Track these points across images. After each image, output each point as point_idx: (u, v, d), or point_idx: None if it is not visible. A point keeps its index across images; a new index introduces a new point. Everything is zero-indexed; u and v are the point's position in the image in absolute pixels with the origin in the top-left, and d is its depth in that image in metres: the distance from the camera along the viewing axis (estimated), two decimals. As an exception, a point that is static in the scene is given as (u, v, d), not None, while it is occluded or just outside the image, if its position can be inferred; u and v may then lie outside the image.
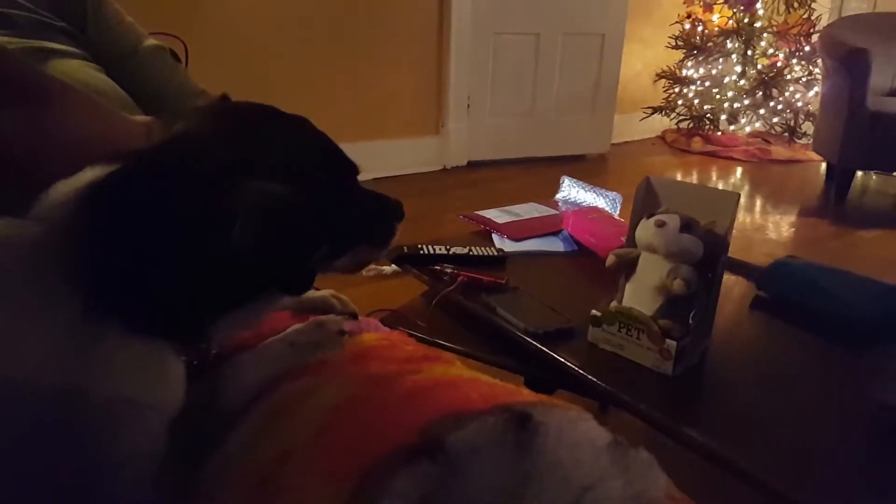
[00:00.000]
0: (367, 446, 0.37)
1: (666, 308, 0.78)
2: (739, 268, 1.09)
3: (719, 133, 3.84)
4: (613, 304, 0.82)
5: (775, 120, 3.81)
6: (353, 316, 0.60)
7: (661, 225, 0.77)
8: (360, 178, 0.51)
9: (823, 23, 3.67)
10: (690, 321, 0.77)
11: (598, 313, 0.82)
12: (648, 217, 0.80)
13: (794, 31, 3.62)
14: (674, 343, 0.75)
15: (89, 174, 0.39)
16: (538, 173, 3.13)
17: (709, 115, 3.81)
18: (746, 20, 3.67)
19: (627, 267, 0.82)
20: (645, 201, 0.85)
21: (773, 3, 3.65)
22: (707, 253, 0.78)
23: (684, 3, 3.79)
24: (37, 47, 0.64)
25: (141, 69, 0.78)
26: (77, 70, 0.66)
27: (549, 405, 0.39)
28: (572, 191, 1.43)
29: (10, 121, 0.43)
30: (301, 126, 0.47)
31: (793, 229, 2.75)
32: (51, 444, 0.34)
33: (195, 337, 0.41)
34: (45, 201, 0.38)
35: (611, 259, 0.83)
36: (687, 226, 0.78)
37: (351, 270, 0.52)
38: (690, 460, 0.66)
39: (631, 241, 0.84)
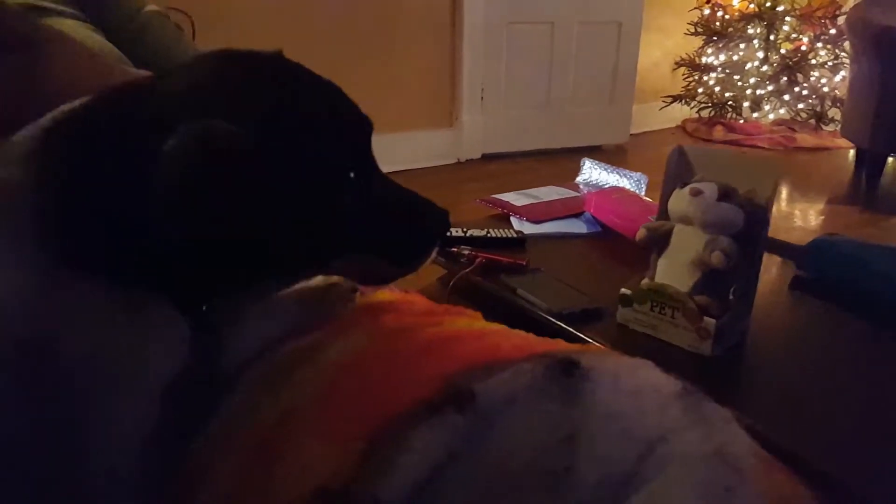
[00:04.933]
0: (381, 402, 0.32)
1: (703, 283, 0.72)
2: (776, 246, 1.02)
3: (742, 121, 3.74)
4: (645, 281, 0.76)
5: (801, 106, 3.69)
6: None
7: (696, 194, 0.71)
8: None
9: (849, 5, 3.54)
10: (730, 297, 0.71)
11: (629, 292, 0.76)
12: (682, 186, 0.74)
13: (819, 13, 3.50)
14: (712, 321, 0.69)
15: (55, 113, 0.35)
16: (555, 165, 3.06)
17: (731, 102, 3.71)
18: (768, 4, 3.55)
19: (660, 241, 0.76)
20: (677, 171, 0.79)
21: (796, -15, 3.54)
22: (747, 223, 0.72)
23: (703, -12, 3.70)
24: (32, 4, 0.61)
25: (142, 35, 0.74)
26: (74, 29, 0.62)
27: (599, 352, 0.33)
28: (594, 173, 1.36)
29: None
30: (293, 71, 0.39)
31: (822, 217, 2.64)
32: (20, 403, 0.30)
33: (187, 292, 0.36)
34: (14, 141, 0.34)
35: (641, 232, 0.77)
36: (725, 194, 0.72)
37: (362, 280, 0.44)
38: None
39: (663, 214, 0.78)
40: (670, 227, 0.75)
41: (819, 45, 3.59)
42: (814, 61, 3.61)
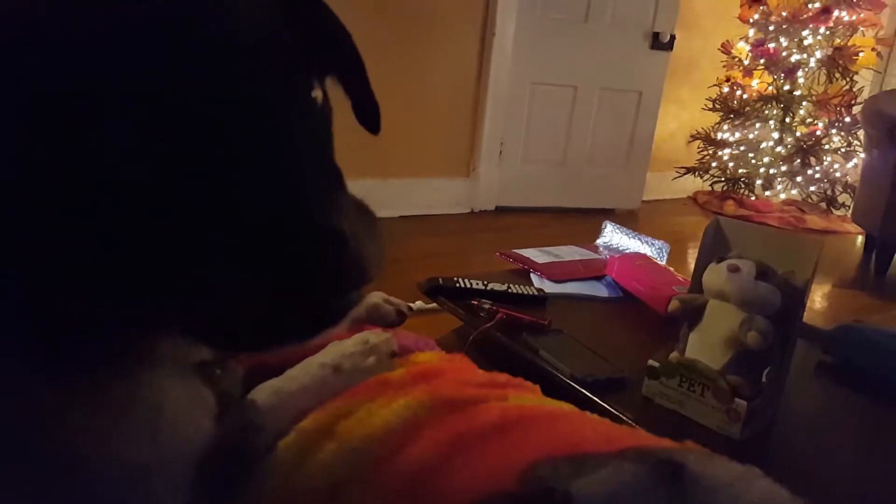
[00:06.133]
0: (450, 485, 0.28)
1: (736, 363, 0.70)
2: (802, 329, 1.00)
3: (753, 198, 3.77)
4: (674, 354, 0.74)
5: (812, 189, 3.74)
6: (402, 315, 0.52)
7: (734, 270, 0.70)
8: (385, 213, 0.37)
9: (865, 95, 3.64)
10: (763, 379, 0.69)
11: (656, 364, 0.74)
12: (718, 261, 0.73)
13: (835, 101, 3.59)
14: (744, 403, 0.67)
15: None
16: (567, 223, 3.07)
17: (744, 179, 3.75)
18: (786, 87, 3.65)
19: (692, 314, 0.74)
20: (713, 244, 0.78)
21: (814, 72, 3.64)
22: (784, 304, 0.70)
23: (724, 66, 3.80)
24: None
25: None
26: None
27: (700, 453, 0.31)
28: (615, 236, 1.36)
29: None
30: None
31: (830, 301, 2.62)
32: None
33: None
34: None
35: (674, 304, 0.75)
36: (763, 273, 0.71)
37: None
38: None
39: (696, 287, 0.76)
40: (704, 302, 0.74)
41: (833, 131, 3.66)
42: (827, 146, 3.68)
